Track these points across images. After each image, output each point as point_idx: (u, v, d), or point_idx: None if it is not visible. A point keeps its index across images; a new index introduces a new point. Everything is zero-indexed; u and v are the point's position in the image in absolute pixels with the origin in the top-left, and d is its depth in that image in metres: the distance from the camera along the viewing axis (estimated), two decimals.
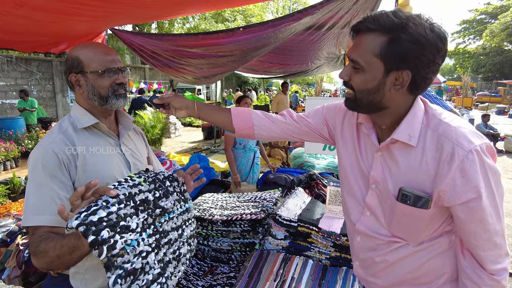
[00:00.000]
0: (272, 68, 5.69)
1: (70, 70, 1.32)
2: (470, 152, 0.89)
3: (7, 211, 2.75)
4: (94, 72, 1.30)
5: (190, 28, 18.27)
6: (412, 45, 0.88)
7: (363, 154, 1.13)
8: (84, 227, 0.95)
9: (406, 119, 0.99)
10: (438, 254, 1.04)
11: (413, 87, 0.95)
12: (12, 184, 4.77)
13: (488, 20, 38.96)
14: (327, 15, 2.79)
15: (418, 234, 1.03)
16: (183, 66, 3.76)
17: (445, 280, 1.06)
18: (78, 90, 1.34)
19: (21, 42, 3.12)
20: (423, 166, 0.96)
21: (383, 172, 1.04)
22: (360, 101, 1.00)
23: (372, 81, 0.95)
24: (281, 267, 1.77)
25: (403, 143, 0.99)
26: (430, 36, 0.87)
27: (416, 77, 0.92)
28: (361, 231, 1.15)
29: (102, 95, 1.32)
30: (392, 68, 0.92)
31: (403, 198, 0.98)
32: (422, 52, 0.88)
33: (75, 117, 1.34)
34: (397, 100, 0.99)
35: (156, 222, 1.22)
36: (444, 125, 0.96)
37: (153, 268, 1.13)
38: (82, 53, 1.31)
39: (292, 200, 2.21)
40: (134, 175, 1.23)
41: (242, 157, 3.83)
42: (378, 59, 0.92)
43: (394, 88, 0.95)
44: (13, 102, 11.41)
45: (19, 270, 2.28)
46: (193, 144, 10.98)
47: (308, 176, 3.25)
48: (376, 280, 1.17)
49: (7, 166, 7.59)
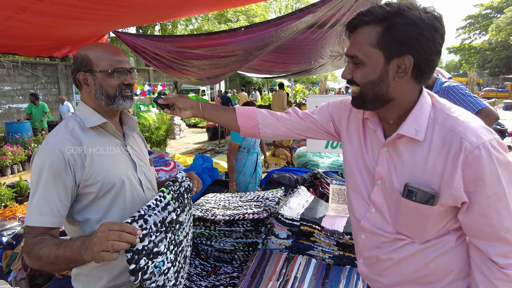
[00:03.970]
0: (275, 67, 5.68)
1: (79, 69, 1.32)
2: (477, 148, 0.87)
3: (13, 214, 2.77)
4: (103, 71, 1.31)
5: (193, 29, 18.33)
6: (408, 28, 0.87)
7: (368, 149, 1.11)
8: (130, 254, 0.98)
9: (412, 113, 0.97)
10: (444, 252, 1.02)
11: (418, 72, 0.93)
12: (19, 187, 4.82)
13: (494, 15, 38.54)
14: (329, 13, 2.77)
15: (424, 232, 1.01)
16: (186, 67, 3.77)
17: (451, 279, 1.04)
18: (86, 89, 1.34)
19: (24, 47, 3.15)
20: (430, 162, 0.94)
21: (389, 168, 1.03)
22: (366, 96, 0.98)
23: (374, 72, 0.94)
24: (284, 266, 1.76)
25: (409, 138, 0.97)
26: (424, 16, 0.87)
27: (419, 61, 0.91)
28: (366, 228, 1.13)
29: (109, 94, 1.32)
30: (392, 55, 0.91)
31: (408, 193, 0.97)
32: (419, 32, 0.87)
33: (82, 116, 1.33)
34: (403, 90, 0.96)
35: (175, 236, 1.25)
36: (452, 120, 0.94)
37: (170, 281, 1.18)
38: (92, 52, 1.31)
39: (294, 199, 2.20)
40: (165, 189, 1.25)
41: (247, 159, 3.83)
42: (376, 49, 0.92)
43: (398, 76, 0.93)
44: (19, 106, 11.54)
45: (24, 272, 2.30)
46: (197, 145, 11.01)
47: (312, 175, 3.23)
48: (381, 279, 1.15)
49: (14, 169, 7.68)
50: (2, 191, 4.28)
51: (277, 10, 25.06)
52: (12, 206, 3.34)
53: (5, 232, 2.53)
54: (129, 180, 1.35)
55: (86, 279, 1.30)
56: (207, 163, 3.85)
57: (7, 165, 7.46)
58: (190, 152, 9.73)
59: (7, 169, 7.47)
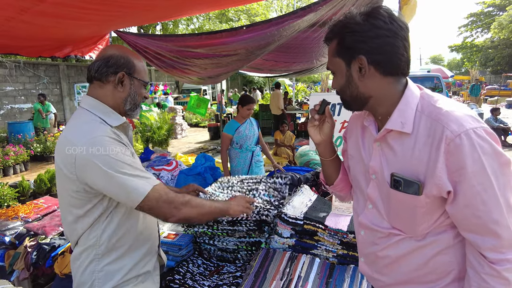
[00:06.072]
0: (277, 66, 5.68)
1: (122, 68, 1.33)
2: (458, 136, 0.88)
3: (15, 213, 2.78)
4: (142, 81, 1.40)
5: (194, 29, 18.34)
6: (351, 35, 1.00)
7: (366, 146, 1.16)
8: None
9: (398, 108, 1.01)
10: (443, 250, 1.02)
11: (379, 67, 1.00)
12: (21, 187, 4.84)
13: (496, 12, 38.30)
14: (330, 11, 2.76)
15: (415, 225, 1.01)
16: (188, 66, 3.77)
17: (452, 278, 1.03)
18: (119, 88, 1.34)
19: (26, 47, 3.16)
20: (416, 153, 0.96)
21: (381, 162, 1.06)
22: (344, 99, 1.11)
23: (341, 77, 1.07)
24: (288, 265, 1.76)
25: (397, 132, 1.00)
26: (362, 21, 0.98)
27: (373, 57, 0.99)
28: (364, 224, 1.16)
29: (137, 103, 1.41)
30: (349, 60, 1.03)
31: (395, 184, 1.00)
32: (361, 35, 0.98)
33: (103, 115, 1.31)
34: (374, 86, 1.03)
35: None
36: (437, 110, 0.95)
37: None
38: (134, 59, 1.37)
39: (297, 198, 2.19)
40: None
41: (239, 157, 3.78)
42: (337, 58, 1.06)
43: (361, 75, 1.02)
44: (21, 106, 11.57)
45: (27, 272, 2.30)
46: (199, 144, 11.02)
47: (315, 174, 3.22)
48: (382, 278, 1.16)
49: (17, 169, 7.70)
50: (4, 191, 4.29)
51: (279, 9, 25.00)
52: (14, 206, 3.35)
53: (7, 232, 2.53)
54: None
55: (98, 275, 1.31)
56: (209, 162, 3.84)
57: (10, 165, 7.49)
58: (192, 151, 9.74)
59: (9, 169, 7.50)
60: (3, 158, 7.34)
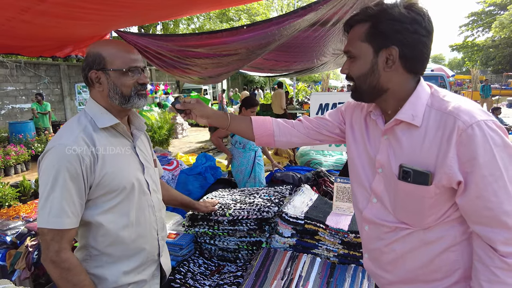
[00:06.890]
0: (277, 66, 5.66)
1: (91, 67, 1.27)
2: (470, 127, 0.88)
3: (17, 213, 2.78)
4: (118, 70, 1.26)
5: (195, 28, 18.34)
6: (390, 22, 0.97)
7: (371, 140, 1.15)
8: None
9: (409, 101, 1.01)
10: (449, 247, 1.01)
11: (406, 62, 1.00)
12: (22, 187, 4.84)
13: (497, 12, 38.20)
14: (331, 10, 2.76)
15: (422, 217, 1.01)
16: (188, 66, 3.77)
17: (458, 277, 1.02)
18: (98, 87, 1.29)
19: (26, 47, 3.15)
20: (426, 145, 0.96)
21: (388, 155, 1.05)
22: (361, 88, 1.07)
23: (365, 64, 1.03)
24: (289, 265, 1.76)
25: (407, 124, 1.00)
26: (405, 12, 0.96)
27: (404, 51, 0.98)
28: (368, 219, 1.15)
29: (124, 94, 1.28)
30: (380, 47, 1.00)
31: (404, 175, 0.99)
32: (401, 25, 0.96)
33: (93, 116, 1.29)
34: (395, 80, 1.02)
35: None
36: (447, 103, 0.97)
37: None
38: (105, 50, 1.27)
39: (298, 198, 2.19)
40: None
41: (243, 157, 3.79)
42: (365, 43, 1.02)
43: (387, 66, 1.00)
44: (22, 106, 11.58)
45: (28, 271, 2.30)
46: (200, 144, 11.02)
47: (316, 173, 3.22)
48: (386, 275, 1.15)
49: (18, 169, 7.72)
50: (5, 190, 4.30)
51: (279, 8, 24.99)
52: (15, 205, 3.36)
53: (8, 232, 2.53)
54: (138, 183, 1.34)
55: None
56: (210, 162, 3.84)
57: (11, 165, 7.50)
58: (192, 151, 9.74)
59: (10, 169, 7.51)
60: (4, 158, 7.34)
